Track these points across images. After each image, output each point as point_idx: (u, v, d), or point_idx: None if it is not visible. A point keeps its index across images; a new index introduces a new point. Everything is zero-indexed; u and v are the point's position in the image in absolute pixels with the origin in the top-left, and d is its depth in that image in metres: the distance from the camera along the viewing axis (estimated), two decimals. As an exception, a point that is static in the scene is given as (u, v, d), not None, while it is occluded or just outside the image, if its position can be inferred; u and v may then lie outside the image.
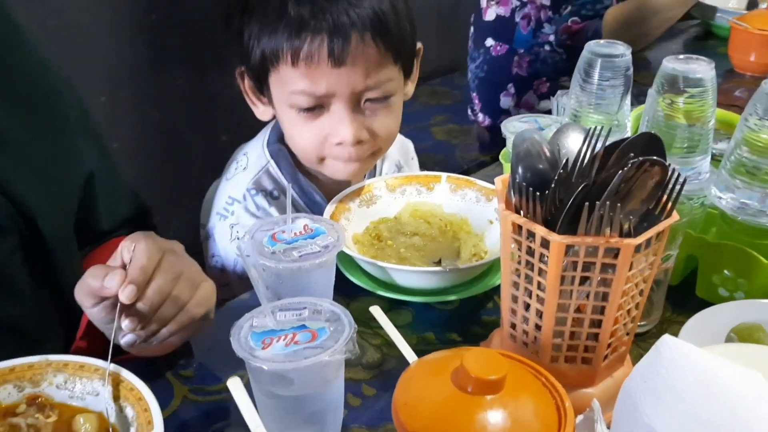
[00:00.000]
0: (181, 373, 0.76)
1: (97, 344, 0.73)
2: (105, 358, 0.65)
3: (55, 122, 0.85)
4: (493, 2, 1.81)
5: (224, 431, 0.69)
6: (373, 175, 1.08)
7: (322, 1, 0.86)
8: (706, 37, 1.88)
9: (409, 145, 1.20)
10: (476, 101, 2.01)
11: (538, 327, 0.67)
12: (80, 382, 0.65)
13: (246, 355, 0.58)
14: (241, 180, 1.01)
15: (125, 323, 0.65)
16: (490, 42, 1.87)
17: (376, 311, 0.68)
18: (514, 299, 0.68)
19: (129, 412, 0.62)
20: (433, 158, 1.89)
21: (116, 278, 0.64)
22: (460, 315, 0.85)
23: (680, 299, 0.85)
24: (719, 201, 0.81)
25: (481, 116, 2.00)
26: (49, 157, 0.83)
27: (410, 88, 1.02)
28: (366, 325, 0.81)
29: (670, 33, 1.79)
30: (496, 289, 0.81)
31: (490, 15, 1.83)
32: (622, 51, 0.85)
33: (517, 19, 1.80)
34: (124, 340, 0.67)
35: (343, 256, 0.86)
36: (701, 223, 0.86)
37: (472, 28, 1.95)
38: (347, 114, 0.90)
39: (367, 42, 0.88)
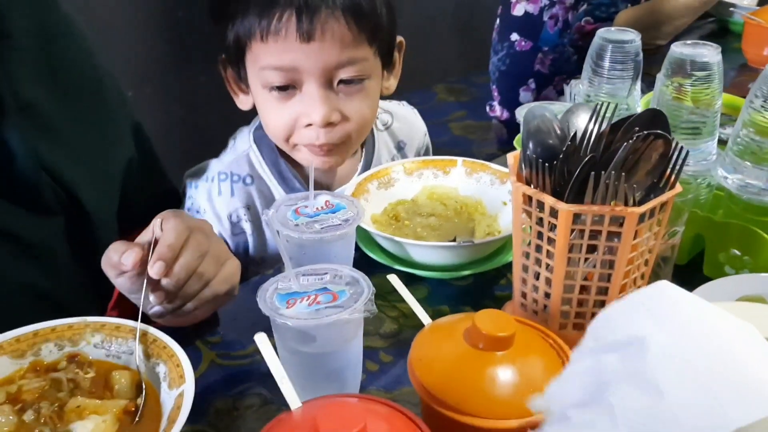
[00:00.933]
0: (209, 339, 0.81)
1: (127, 315, 0.77)
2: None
3: (99, 110, 0.90)
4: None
5: (248, 391, 0.73)
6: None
7: None
8: (721, 33, 1.90)
9: (423, 127, 1.19)
10: (495, 94, 2.04)
11: (547, 295, 0.70)
12: (116, 342, 0.69)
13: (272, 313, 0.62)
14: (220, 161, 1.02)
15: (152, 297, 0.69)
16: (515, 36, 1.90)
17: (393, 279, 0.72)
18: (525, 269, 0.72)
19: (161, 368, 0.66)
20: (451, 152, 1.92)
21: (132, 255, 0.68)
22: (474, 290, 0.89)
23: (688, 278, 0.87)
24: (725, 181, 0.84)
25: (498, 109, 2.03)
26: (92, 143, 0.87)
27: (392, 82, 1.02)
28: (384, 298, 0.85)
29: (687, 29, 1.81)
30: (509, 267, 0.84)
31: (518, 10, 1.87)
32: (632, 37, 0.88)
33: (545, 18, 1.83)
34: (152, 311, 0.71)
35: (361, 234, 0.90)
36: (709, 204, 0.89)
37: (498, 21, 1.98)
38: (318, 93, 0.89)
39: (338, 18, 0.87)
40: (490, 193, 0.99)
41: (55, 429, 0.61)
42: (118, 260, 0.69)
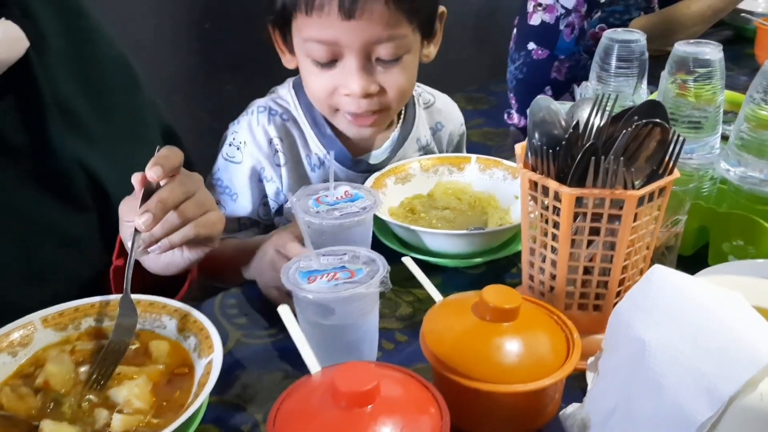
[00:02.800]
0: (235, 321, 0.86)
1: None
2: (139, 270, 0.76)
3: (129, 110, 0.95)
4: (540, 8, 1.88)
5: (271, 366, 0.78)
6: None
7: None
8: (736, 40, 1.93)
9: (461, 118, 1.24)
10: (513, 102, 2.08)
11: (553, 277, 0.75)
12: (150, 317, 0.75)
13: (294, 287, 0.67)
14: (261, 99, 1.08)
15: (140, 219, 0.72)
16: (532, 45, 1.95)
17: (407, 261, 0.77)
18: (532, 252, 0.76)
19: (192, 340, 0.71)
20: (469, 157, 1.97)
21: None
22: (486, 278, 0.93)
23: (693, 270, 0.90)
24: (727, 173, 0.88)
25: (516, 117, 2.07)
26: (122, 142, 0.92)
27: (432, 50, 1.05)
28: (399, 284, 0.90)
29: (700, 37, 1.85)
30: (519, 256, 0.88)
31: (535, 20, 1.91)
32: (637, 37, 0.92)
33: (561, 27, 1.88)
34: (138, 249, 0.74)
35: (378, 225, 0.95)
36: (713, 198, 0.92)
37: (515, 30, 2.03)
38: (357, 67, 0.94)
39: None
40: (502, 188, 1.03)
41: (98, 394, 0.67)
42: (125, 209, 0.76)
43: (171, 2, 2.08)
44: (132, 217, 0.74)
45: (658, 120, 0.68)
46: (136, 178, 0.74)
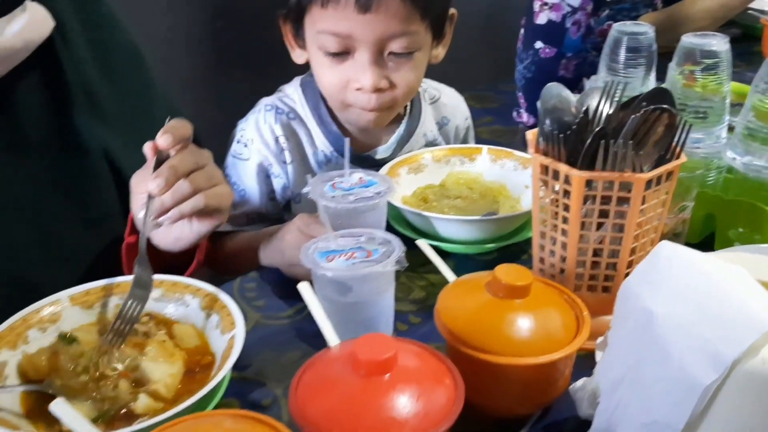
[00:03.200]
0: (254, 303, 0.89)
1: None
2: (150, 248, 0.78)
3: (145, 96, 0.99)
4: (546, 7, 1.91)
5: (289, 346, 0.81)
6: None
7: None
8: (744, 39, 1.95)
9: (466, 111, 1.26)
10: (522, 101, 2.11)
11: (563, 259, 0.77)
12: (173, 296, 0.78)
13: (313, 266, 0.70)
14: (268, 98, 1.11)
15: (152, 184, 0.74)
16: (539, 44, 1.97)
17: (421, 243, 0.79)
18: (543, 236, 0.79)
19: (214, 318, 0.74)
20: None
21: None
22: (497, 264, 0.94)
23: (700, 256, 0.93)
24: (733, 161, 0.90)
25: (525, 116, 2.10)
26: (135, 125, 0.95)
27: (441, 51, 1.08)
28: (413, 270, 0.92)
29: (709, 32, 1.86)
30: (530, 243, 0.91)
31: (541, 19, 1.94)
32: (646, 29, 0.94)
33: (568, 25, 1.90)
34: (149, 223, 0.77)
35: (392, 213, 0.98)
36: (720, 188, 0.94)
37: (522, 30, 2.05)
38: (369, 61, 0.96)
39: None
40: (513, 177, 1.06)
41: (128, 366, 0.69)
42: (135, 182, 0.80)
43: (184, 2, 2.12)
44: (143, 188, 0.77)
45: (665, 106, 0.71)
46: (147, 146, 0.77)
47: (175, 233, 0.81)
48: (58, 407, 0.54)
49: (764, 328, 0.48)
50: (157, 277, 0.79)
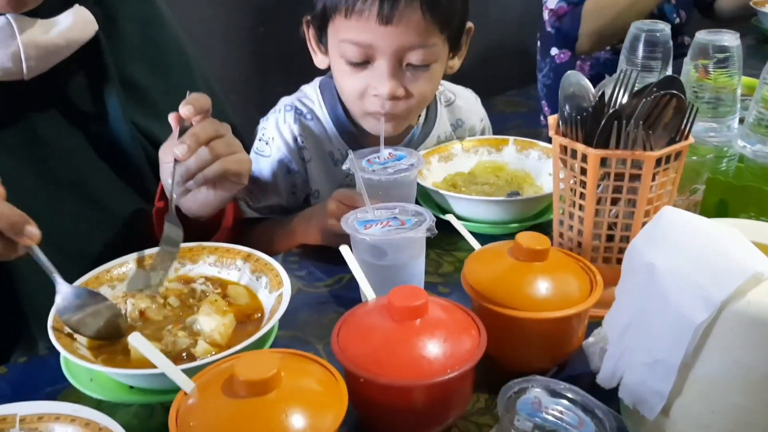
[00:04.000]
0: (296, 273, 0.97)
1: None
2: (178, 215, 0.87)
3: (186, 88, 1.08)
4: (553, 14, 1.99)
5: (328, 309, 0.89)
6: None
7: None
8: (760, 43, 2.01)
9: (481, 112, 1.31)
10: (545, 108, 2.18)
11: (580, 233, 0.84)
12: (226, 261, 0.86)
13: (353, 232, 0.78)
14: (288, 97, 1.17)
15: (177, 149, 0.82)
16: (554, 51, 2.04)
17: (450, 218, 0.87)
18: (562, 212, 0.86)
19: (263, 279, 0.83)
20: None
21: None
22: (521, 244, 1.02)
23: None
24: (743, 149, 0.96)
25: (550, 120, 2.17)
26: None
27: (456, 62, 1.12)
28: (441, 248, 1.01)
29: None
30: (551, 224, 0.98)
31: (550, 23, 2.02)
32: (662, 27, 1.01)
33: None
34: (176, 188, 0.85)
35: (423, 196, 1.06)
36: (732, 174, 1.01)
37: (538, 42, 2.13)
38: (388, 71, 1.00)
39: (415, 8, 0.97)
40: (537, 166, 1.13)
41: (184, 320, 0.78)
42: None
43: (229, 9, 2.24)
44: (169, 157, 0.85)
45: (675, 91, 0.78)
46: (172, 117, 0.85)
47: (201, 198, 0.89)
48: (135, 338, 0.63)
49: (749, 272, 0.54)
50: (211, 244, 0.88)
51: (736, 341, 0.56)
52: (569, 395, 0.61)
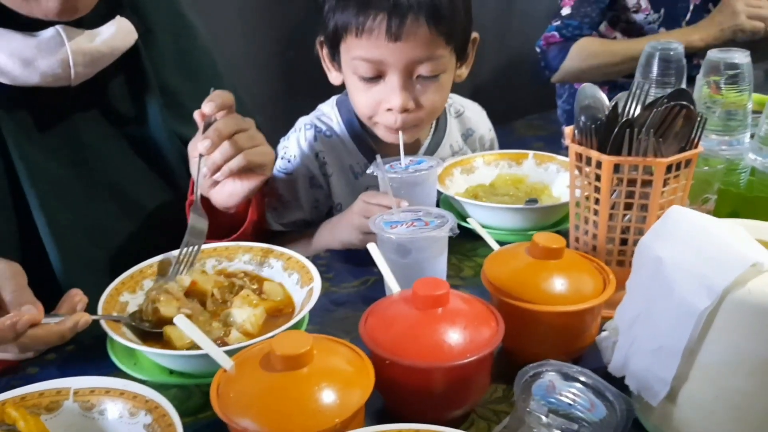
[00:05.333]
0: (324, 275, 1.02)
1: (203, 198, 0.97)
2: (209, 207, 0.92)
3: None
4: (545, 41, 2.05)
5: (354, 307, 0.94)
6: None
7: None
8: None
9: (489, 124, 1.37)
10: (566, 132, 2.23)
11: (595, 236, 0.88)
12: (260, 259, 0.92)
13: (379, 231, 0.84)
14: (306, 116, 1.23)
15: (201, 144, 0.88)
16: None
17: (472, 221, 0.92)
18: (577, 217, 0.90)
19: (295, 276, 0.88)
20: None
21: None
22: (539, 251, 1.07)
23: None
24: (754, 161, 1.00)
25: None
26: None
27: (464, 71, 1.17)
28: (463, 253, 1.06)
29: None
30: (567, 233, 1.02)
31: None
32: (676, 46, 1.06)
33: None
34: (203, 180, 0.90)
35: (445, 206, 1.11)
36: (744, 187, 1.04)
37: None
38: (399, 84, 1.05)
39: (421, 23, 1.02)
40: (556, 179, 1.18)
41: (219, 313, 0.83)
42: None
43: (261, 35, 2.33)
44: (196, 152, 0.91)
45: (684, 102, 0.82)
46: (196, 113, 0.91)
47: (227, 189, 0.95)
48: (180, 320, 0.68)
49: (749, 262, 0.59)
50: (247, 243, 0.93)
51: (737, 328, 0.60)
52: (582, 378, 0.65)
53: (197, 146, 0.89)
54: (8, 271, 0.77)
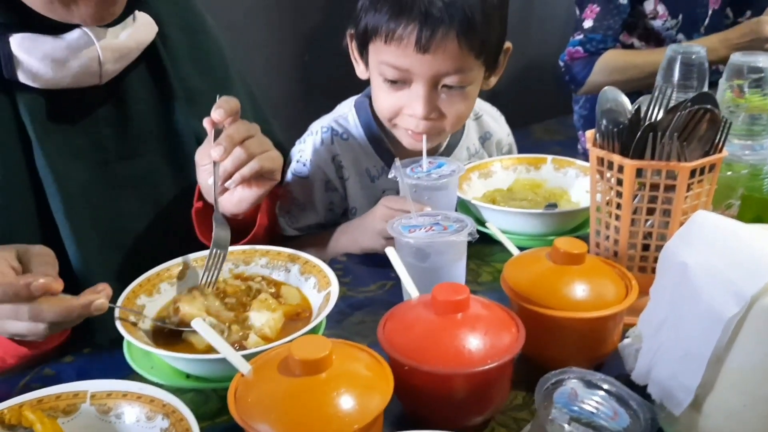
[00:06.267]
0: (341, 279, 1.01)
1: (208, 205, 0.98)
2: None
3: (225, 88, 1.14)
4: (569, 55, 2.04)
5: (371, 311, 0.93)
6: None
7: None
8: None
9: (507, 128, 1.36)
10: (582, 138, 2.22)
11: (616, 242, 0.87)
12: (277, 263, 0.91)
13: (398, 235, 0.83)
14: (322, 119, 1.22)
15: (214, 152, 0.87)
16: None
17: (490, 225, 0.91)
18: (599, 222, 0.89)
19: (312, 280, 0.87)
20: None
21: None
22: (558, 256, 1.05)
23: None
24: (778, 167, 0.98)
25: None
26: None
27: (493, 80, 1.15)
28: (480, 258, 1.04)
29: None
30: (587, 239, 1.01)
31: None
32: (698, 49, 1.05)
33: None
34: (210, 181, 0.90)
35: (464, 210, 1.10)
36: (768, 192, 1.03)
37: None
38: (424, 94, 1.04)
39: (451, 37, 1.00)
40: (575, 184, 1.17)
41: (238, 316, 0.83)
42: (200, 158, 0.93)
43: (277, 37, 2.34)
44: (206, 160, 0.91)
45: (709, 106, 0.81)
46: (206, 121, 0.90)
47: (237, 195, 0.94)
48: (198, 324, 0.68)
49: (778, 268, 0.57)
50: (262, 247, 0.93)
51: (766, 334, 0.58)
52: (605, 386, 0.64)
53: (210, 153, 0.89)
54: (42, 253, 0.78)
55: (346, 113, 1.22)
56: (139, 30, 0.96)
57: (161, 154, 1.04)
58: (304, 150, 1.20)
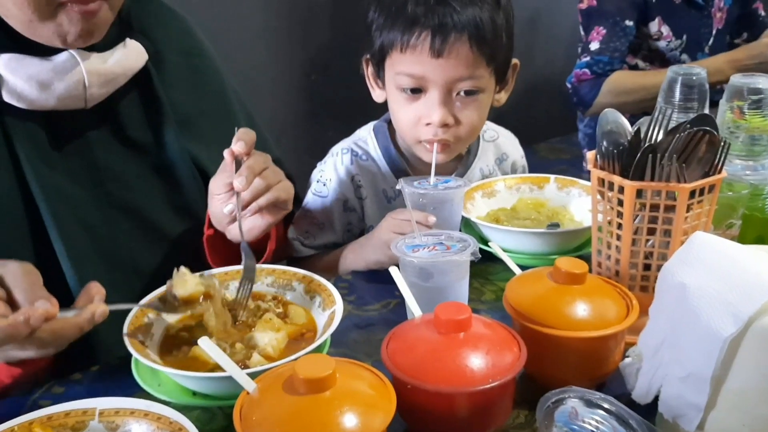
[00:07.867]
0: (346, 298, 1.03)
1: (219, 232, 1.00)
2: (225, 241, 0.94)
3: (225, 113, 1.16)
4: (576, 77, 2.06)
5: (376, 330, 0.94)
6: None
7: (433, 5, 1.07)
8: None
9: (521, 151, 1.39)
10: (587, 157, 2.23)
11: (617, 262, 0.88)
12: (283, 282, 0.93)
13: (401, 255, 0.84)
14: (343, 141, 1.26)
15: (237, 182, 0.89)
16: None
17: (493, 245, 0.92)
18: (600, 242, 0.90)
19: (317, 298, 0.89)
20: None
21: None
22: (561, 275, 1.06)
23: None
24: (779, 187, 0.99)
25: None
26: (220, 140, 1.04)
27: (503, 96, 1.21)
28: (484, 277, 1.06)
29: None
30: (589, 258, 1.02)
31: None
32: (699, 71, 1.06)
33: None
34: (227, 209, 0.92)
35: (467, 230, 1.11)
36: (770, 213, 1.04)
37: None
38: (439, 100, 1.09)
39: (463, 42, 1.07)
40: (577, 203, 1.18)
41: (243, 336, 0.84)
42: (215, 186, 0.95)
43: (284, 58, 2.37)
44: (221, 190, 0.93)
45: (708, 128, 0.82)
46: (227, 153, 0.92)
47: (248, 225, 0.96)
48: (204, 342, 0.69)
49: (775, 290, 0.58)
50: (269, 266, 0.94)
51: (764, 355, 0.59)
52: (605, 405, 0.65)
53: (230, 183, 0.91)
54: (20, 270, 0.77)
55: (365, 136, 1.26)
56: (129, 57, 0.98)
57: (155, 177, 1.05)
58: (325, 170, 1.24)
